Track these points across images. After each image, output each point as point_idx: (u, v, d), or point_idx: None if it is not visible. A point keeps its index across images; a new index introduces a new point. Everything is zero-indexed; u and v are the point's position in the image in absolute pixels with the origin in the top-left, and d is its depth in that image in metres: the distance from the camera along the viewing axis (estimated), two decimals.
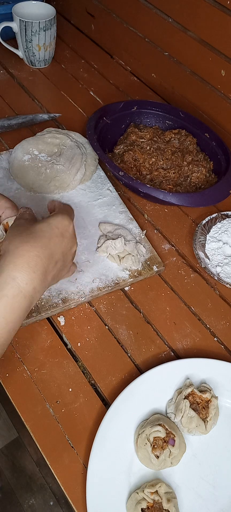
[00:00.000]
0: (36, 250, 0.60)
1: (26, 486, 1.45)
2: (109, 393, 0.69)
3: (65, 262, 0.66)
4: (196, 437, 0.66)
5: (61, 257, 0.65)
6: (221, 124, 1.14)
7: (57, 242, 0.63)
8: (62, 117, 1.12)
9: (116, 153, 1.02)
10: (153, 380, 0.68)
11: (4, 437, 1.53)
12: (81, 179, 0.94)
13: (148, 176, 0.98)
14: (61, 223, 0.65)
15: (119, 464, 0.62)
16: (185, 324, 0.78)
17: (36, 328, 0.74)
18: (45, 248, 0.61)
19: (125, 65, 1.33)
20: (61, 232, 0.64)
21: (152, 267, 0.83)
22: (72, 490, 0.60)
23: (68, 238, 0.65)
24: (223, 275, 0.84)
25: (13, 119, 1.07)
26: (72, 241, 0.67)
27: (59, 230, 0.64)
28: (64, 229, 0.65)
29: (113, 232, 0.85)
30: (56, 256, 0.63)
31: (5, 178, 0.93)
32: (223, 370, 0.70)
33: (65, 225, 0.65)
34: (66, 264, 0.67)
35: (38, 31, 1.19)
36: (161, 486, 0.59)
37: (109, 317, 0.77)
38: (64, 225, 0.65)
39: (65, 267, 0.67)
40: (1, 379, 0.68)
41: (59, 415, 0.66)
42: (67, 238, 0.65)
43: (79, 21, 1.45)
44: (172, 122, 1.10)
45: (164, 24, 1.19)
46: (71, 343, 0.73)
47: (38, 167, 0.92)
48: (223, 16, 1.04)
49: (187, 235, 0.92)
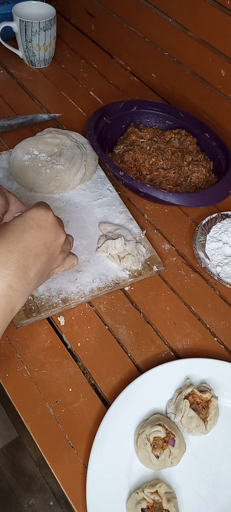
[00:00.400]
0: (7, 245, 0.56)
1: (26, 486, 1.45)
2: (109, 393, 0.69)
3: (51, 254, 0.63)
4: (196, 437, 0.66)
5: (44, 249, 0.61)
6: (221, 124, 1.14)
7: (34, 234, 0.60)
8: (62, 117, 1.12)
9: (116, 153, 1.02)
10: (153, 380, 0.68)
11: (4, 437, 1.53)
12: (81, 179, 0.94)
13: (148, 176, 0.98)
14: (36, 214, 0.61)
15: (119, 464, 0.62)
16: (185, 324, 0.78)
17: (36, 328, 0.74)
18: (17, 241, 0.57)
19: (125, 65, 1.33)
20: (38, 222, 0.61)
21: (152, 267, 0.83)
22: (72, 490, 0.60)
23: (49, 228, 0.62)
24: (223, 275, 0.84)
25: (13, 119, 1.07)
26: (55, 230, 0.63)
27: (35, 221, 0.61)
28: (41, 219, 0.61)
29: (113, 232, 0.85)
30: (36, 249, 0.60)
31: (5, 178, 0.93)
32: (223, 370, 0.70)
33: (42, 215, 0.62)
34: (54, 256, 0.64)
35: (38, 31, 1.19)
36: (161, 486, 0.59)
37: (109, 317, 0.77)
38: (41, 215, 0.61)
39: (53, 259, 0.64)
40: (1, 379, 0.68)
41: (59, 415, 0.66)
42: (47, 228, 0.62)
43: (79, 21, 1.45)
44: (172, 122, 1.10)
45: (164, 24, 1.19)
46: (71, 343, 0.73)
47: (38, 167, 0.92)
48: (223, 16, 1.04)
49: (187, 235, 0.92)
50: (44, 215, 0.62)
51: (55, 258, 0.65)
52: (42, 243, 0.61)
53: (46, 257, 0.62)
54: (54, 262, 0.65)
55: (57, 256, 0.66)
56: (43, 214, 0.62)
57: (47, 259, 0.62)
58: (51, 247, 0.63)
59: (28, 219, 0.60)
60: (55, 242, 0.64)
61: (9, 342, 0.72)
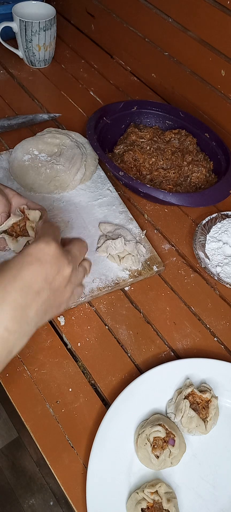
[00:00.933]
0: (3, 284, 0.53)
1: (26, 486, 1.45)
2: (109, 393, 0.69)
3: (55, 289, 0.58)
4: (196, 437, 0.66)
5: (46, 285, 0.57)
6: (221, 124, 1.14)
7: (33, 270, 0.55)
8: (62, 117, 1.12)
9: (116, 153, 1.02)
10: (153, 380, 0.68)
11: (4, 437, 1.53)
12: (81, 179, 0.94)
13: (148, 176, 0.98)
14: (35, 248, 0.57)
15: (119, 464, 0.62)
16: (185, 324, 0.78)
17: None
18: (13, 280, 0.54)
19: (125, 65, 1.33)
20: (37, 257, 0.56)
21: (152, 267, 0.83)
22: (72, 490, 0.60)
23: (50, 261, 0.57)
24: (223, 275, 0.84)
25: (13, 119, 1.07)
26: (57, 263, 0.58)
27: (33, 256, 0.56)
28: (40, 253, 0.57)
29: (113, 232, 0.85)
30: (36, 285, 0.55)
31: (5, 178, 0.93)
32: (223, 370, 0.70)
33: (41, 248, 0.57)
34: (60, 290, 0.60)
35: (38, 31, 1.19)
36: (161, 486, 0.59)
37: (109, 317, 0.77)
38: (40, 249, 0.57)
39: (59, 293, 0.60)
40: (1, 379, 0.68)
41: (59, 415, 0.66)
42: (49, 262, 0.57)
43: (79, 21, 1.45)
44: (172, 122, 1.10)
45: (164, 24, 1.19)
46: (71, 343, 0.73)
47: (38, 167, 0.92)
48: (223, 16, 1.04)
49: (187, 235, 0.92)
50: (44, 248, 0.57)
51: (61, 291, 0.60)
52: (43, 278, 0.56)
53: (49, 293, 0.57)
54: (62, 296, 0.61)
55: (64, 289, 0.60)
56: (43, 248, 0.57)
57: (51, 295, 0.58)
58: (54, 281, 0.58)
59: (26, 255, 0.56)
60: (59, 276, 0.59)
61: None
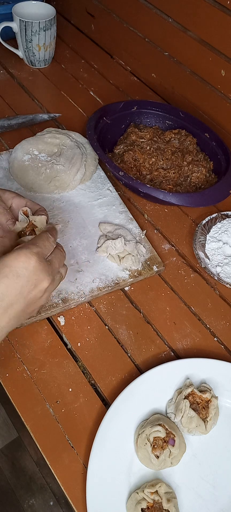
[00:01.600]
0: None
1: (26, 486, 1.45)
2: (109, 393, 0.69)
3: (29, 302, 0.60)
4: (196, 437, 0.66)
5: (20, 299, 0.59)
6: (221, 124, 1.14)
7: (8, 283, 0.57)
8: (62, 117, 1.12)
9: (116, 153, 1.02)
10: (153, 380, 0.68)
11: (4, 437, 1.53)
12: (81, 179, 0.94)
13: (148, 176, 0.98)
14: (14, 261, 0.58)
15: (119, 464, 0.62)
16: (185, 324, 0.78)
17: (36, 328, 0.74)
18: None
19: (125, 65, 1.33)
20: (15, 271, 0.58)
21: (152, 267, 0.83)
22: (72, 490, 0.60)
23: (27, 276, 0.58)
24: (223, 275, 0.84)
25: (13, 119, 1.07)
26: (35, 278, 0.59)
27: (11, 269, 0.58)
28: (18, 267, 0.58)
29: (113, 232, 0.85)
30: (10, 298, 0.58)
31: (5, 178, 0.93)
32: (223, 370, 0.70)
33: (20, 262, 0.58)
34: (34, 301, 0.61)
35: (38, 31, 1.19)
36: (161, 486, 0.59)
37: (109, 317, 0.77)
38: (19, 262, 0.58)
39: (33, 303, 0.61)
40: (1, 379, 0.68)
41: (59, 415, 0.66)
42: (26, 277, 0.58)
43: (79, 21, 1.45)
44: (172, 122, 1.10)
45: (164, 24, 1.19)
46: (71, 343, 0.73)
47: (38, 167, 0.92)
48: (223, 16, 1.04)
49: (187, 235, 0.92)
50: (23, 263, 0.58)
51: (34, 302, 0.62)
52: (18, 292, 0.58)
53: (22, 306, 0.60)
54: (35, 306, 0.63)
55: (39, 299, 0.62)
56: (23, 262, 0.58)
57: (24, 307, 0.60)
58: (29, 295, 0.60)
59: (4, 266, 0.58)
60: (35, 290, 0.60)
61: (9, 342, 0.72)
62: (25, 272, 0.58)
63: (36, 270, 0.60)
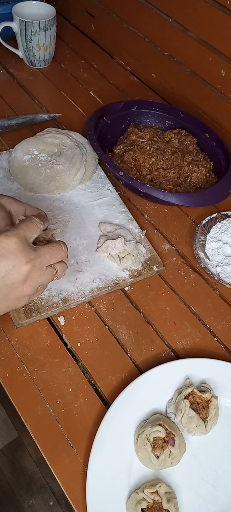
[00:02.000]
0: None
1: (26, 486, 1.45)
2: (109, 393, 0.69)
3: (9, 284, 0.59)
4: (196, 437, 0.66)
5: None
6: (221, 124, 1.14)
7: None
8: (62, 117, 1.12)
9: (116, 153, 1.02)
10: (153, 380, 0.68)
11: (4, 437, 1.53)
12: (81, 179, 0.94)
13: (148, 176, 0.98)
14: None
15: (119, 464, 0.62)
16: (185, 324, 0.78)
17: (36, 328, 0.74)
18: None
19: (125, 65, 1.33)
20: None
21: (152, 267, 0.83)
22: (72, 490, 0.60)
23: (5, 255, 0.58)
24: (223, 275, 0.84)
25: (13, 119, 1.07)
26: (14, 259, 0.58)
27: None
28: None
29: (113, 232, 0.85)
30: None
31: (5, 178, 0.93)
32: (223, 370, 0.70)
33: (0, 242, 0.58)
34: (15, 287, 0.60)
35: (38, 31, 1.19)
36: (161, 486, 0.59)
37: (109, 317, 0.77)
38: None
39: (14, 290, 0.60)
40: (1, 379, 0.68)
41: (59, 415, 0.66)
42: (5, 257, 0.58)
43: (79, 21, 1.45)
44: (172, 122, 1.10)
45: (164, 24, 1.19)
46: (71, 343, 0.73)
47: (38, 167, 0.92)
48: (223, 16, 1.04)
49: (187, 235, 0.92)
50: (2, 242, 0.58)
51: (17, 287, 0.60)
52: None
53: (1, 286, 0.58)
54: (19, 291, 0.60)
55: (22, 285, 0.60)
56: (2, 241, 0.58)
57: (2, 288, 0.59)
58: (7, 276, 0.58)
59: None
60: (14, 271, 0.59)
61: (9, 342, 0.72)
62: (3, 251, 0.58)
63: (15, 250, 0.58)
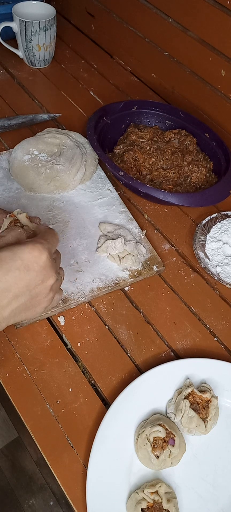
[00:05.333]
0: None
1: (26, 486, 1.45)
2: (109, 393, 0.69)
3: (34, 296, 0.61)
4: (196, 437, 0.66)
5: (26, 292, 0.59)
6: (221, 124, 1.14)
7: (18, 276, 0.58)
8: (62, 117, 1.12)
9: (116, 153, 1.02)
10: (153, 380, 0.68)
11: (4, 437, 1.53)
12: (81, 179, 0.94)
13: (148, 176, 0.98)
14: (28, 255, 0.58)
15: (119, 464, 0.62)
16: (185, 324, 0.78)
17: (36, 328, 0.74)
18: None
19: (125, 65, 1.33)
20: (26, 264, 0.58)
21: (152, 267, 0.83)
22: (72, 490, 0.60)
23: (37, 271, 0.59)
24: (223, 275, 0.84)
25: (13, 119, 1.07)
26: (44, 274, 0.60)
27: (24, 262, 0.58)
28: (31, 261, 0.59)
29: (113, 232, 0.85)
30: (16, 290, 0.58)
31: (5, 178, 0.93)
32: (223, 370, 0.70)
33: (33, 257, 0.59)
34: (38, 298, 0.62)
35: (38, 31, 1.19)
36: (161, 486, 0.59)
37: (109, 317, 0.77)
38: (32, 257, 0.59)
39: (37, 301, 0.62)
40: (1, 379, 0.68)
41: (59, 415, 0.66)
42: (35, 271, 0.59)
43: (79, 21, 1.45)
44: (172, 122, 1.10)
45: (164, 24, 1.19)
46: (71, 343, 0.73)
47: (38, 167, 0.92)
48: (223, 16, 1.04)
49: (187, 235, 0.92)
50: (35, 258, 0.59)
51: (39, 299, 0.62)
52: (25, 285, 0.59)
53: (27, 299, 0.60)
54: (40, 303, 0.63)
55: (44, 297, 0.63)
56: (35, 257, 0.59)
57: (28, 301, 0.60)
58: (34, 289, 0.60)
59: (18, 258, 0.58)
60: (41, 285, 0.61)
61: (9, 342, 0.72)
62: (35, 266, 0.59)
63: (46, 266, 0.60)
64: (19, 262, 0.58)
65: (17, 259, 0.58)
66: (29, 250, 0.59)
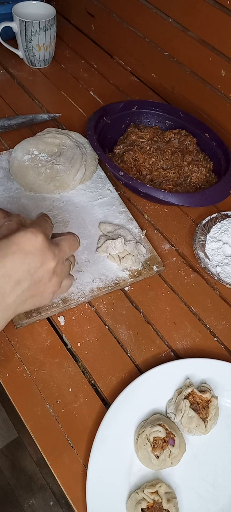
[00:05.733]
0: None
1: (26, 486, 1.45)
2: (109, 393, 0.69)
3: (37, 281, 0.60)
4: (196, 437, 0.66)
5: (27, 276, 0.59)
6: (221, 124, 1.14)
7: (16, 260, 0.57)
8: (62, 117, 1.12)
9: (116, 153, 1.02)
10: (153, 380, 0.68)
11: (4, 437, 1.53)
12: (81, 179, 0.94)
13: (148, 176, 0.98)
14: (22, 238, 0.58)
15: (119, 464, 0.62)
16: (185, 324, 0.78)
17: (36, 328, 0.74)
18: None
19: (125, 65, 1.33)
20: (22, 247, 0.58)
21: (152, 267, 0.83)
22: (72, 490, 0.60)
23: (34, 253, 0.59)
24: (223, 275, 0.84)
25: (13, 119, 1.07)
26: (41, 255, 0.60)
27: (19, 245, 0.58)
28: (26, 244, 0.58)
29: (113, 232, 0.85)
30: (17, 275, 0.58)
31: (5, 178, 0.93)
32: (223, 370, 0.70)
33: (28, 239, 0.59)
34: (42, 283, 0.61)
35: (38, 31, 1.19)
36: (161, 486, 0.59)
37: (109, 317, 0.77)
38: (26, 239, 0.59)
39: (42, 286, 0.62)
40: (1, 379, 0.68)
41: (59, 415, 0.66)
42: (33, 253, 0.59)
43: (79, 21, 1.45)
44: (172, 122, 1.10)
45: (164, 24, 1.19)
46: (71, 343, 0.73)
47: (38, 167, 0.92)
48: (223, 16, 1.04)
49: (187, 235, 0.92)
50: (30, 239, 0.59)
51: (44, 284, 0.62)
52: (25, 269, 0.58)
53: (30, 284, 0.60)
54: (45, 288, 0.62)
55: (48, 282, 0.62)
56: (29, 238, 0.59)
57: (31, 286, 0.60)
58: (36, 273, 0.60)
59: (12, 243, 0.58)
60: (42, 269, 0.61)
61: (9, 342, 0.72)
62: (31, 248, 0.59)
63: (43, 248, 0.60)
64: (15, 246, 0.58)
65: (12, 244, 0.58)
66: (22, 234, 0.59)
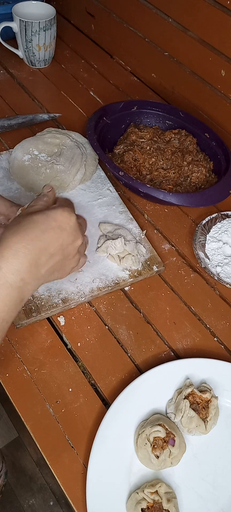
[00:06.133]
0: (25, 241, 0.59)
1: (26, 486, 1.45)
2: (109, 393, 0.69)
3: (66, 256, 0.65)
4: (196, 437, 0.66)
5: (60, 251, 0.64)
6: (221, 124, 1.14)
7: (54, 235, 0.62)
8: (62, 117, 1.12)
9: (116, 153, 1.02)
10: (153, 380, 0.68)
11: (4, 437, 1.53)
12: (81, 179, 0.94)
13: (148, 176, 0.98)
14: (60, 216, 0.63)
15: (119, 464, 0.62)
16: (185, 324, 0.78)
17: (36, 328, 0.74)
18: (36, 240, 0.60)
19: (125, 65, 1.33)
20: (60, 225, 0.63)
21: (152, 267, 0.83)
22: (72, 490, 0.60)
23: (69, 231, 0.64)
24: (223, 275, 0.84)
25: (13, 119, 1.07)
26: (74, 234, 0.65)
27: (58, 223, 0.63)
28: (63, 222, 0.64)
29: (113, 232, 0.85)
30: (52, 249, 0.62)
31: (5, 178, 0.93)
32: (223, 370, 0.70)
33: (65, 217, 0.64)
34: (68, 258, 0.67)
35: (38, 31, 1.19)
36: (161, 486, 0.59)
37: (109, 317, 0.77)
38: (64, 217, 0.64)
39: (67, 260, 0.67)
40: (1, 379, 0.68)
41: (59, 415, 0.66)
42: (67, 232, 0.64)
43: (79, 21, 1.45)
44: (172, 122, 1.10)
45: (164, 24, 1.19)
46: (71, 343, 0.73)
47: (38, 167, 0.92)
48: (223, 16, 1.04)
49: (187, 235, 0.92)
50: (66, 218, 0.64)
51: (69, 259, 0.67)
52: (59, 244, 0.63)
53: (60, 258, 0.64)
54: (69, 263, 0.68)
55: (72, 258, 0.68)
56: (66, 217, 0.64)
57: (61, 259, 0.65)
58: (66, 249, 0.65)
59: (51, 219, 0.62)
60: (72, 245, 0.66)
61: (9, 342, 0.72)
62: (67, 226, 0.64)
63: (75, 227, 0.66)
64: (53, 223, 0.63)
65: (51, 220, 0.62)
66: (60, 212, 0.64)
